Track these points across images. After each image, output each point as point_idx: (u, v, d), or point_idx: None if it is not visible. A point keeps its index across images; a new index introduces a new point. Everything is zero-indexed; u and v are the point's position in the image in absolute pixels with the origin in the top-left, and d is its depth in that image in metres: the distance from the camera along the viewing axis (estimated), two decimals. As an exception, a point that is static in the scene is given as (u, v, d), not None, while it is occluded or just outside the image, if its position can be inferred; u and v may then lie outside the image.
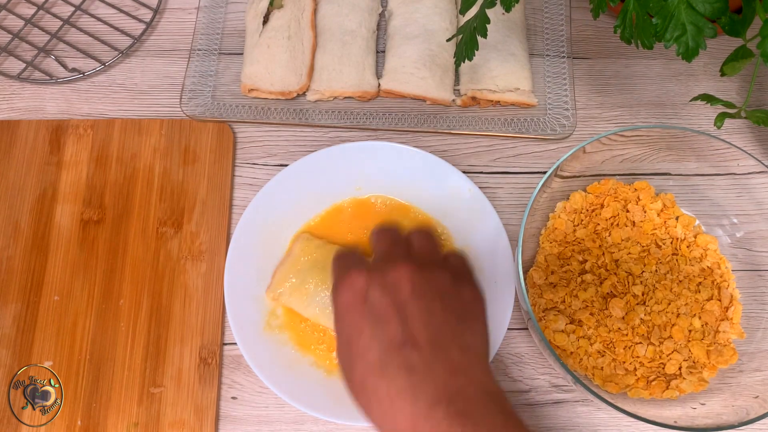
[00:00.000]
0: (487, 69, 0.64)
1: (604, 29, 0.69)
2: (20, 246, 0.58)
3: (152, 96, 0.66)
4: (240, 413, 0.54)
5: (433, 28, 0.66)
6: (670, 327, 0.55)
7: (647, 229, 0.58)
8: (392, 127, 0.63)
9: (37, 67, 0.66)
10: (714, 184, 0.60)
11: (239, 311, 0.54)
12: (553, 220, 0.59)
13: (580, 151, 0.54)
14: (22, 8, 0.70)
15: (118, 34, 0.68)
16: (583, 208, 0.59)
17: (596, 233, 0.58)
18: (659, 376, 0.54)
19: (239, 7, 0.69)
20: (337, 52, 0.65)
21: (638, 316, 0.55)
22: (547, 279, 0.57)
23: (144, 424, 0.53)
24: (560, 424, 0.54)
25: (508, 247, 0.56)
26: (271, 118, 0.64)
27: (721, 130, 0.64)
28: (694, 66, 0.68)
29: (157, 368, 0.55)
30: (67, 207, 0.60)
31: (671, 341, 0.54)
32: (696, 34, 0.47)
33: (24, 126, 0.63)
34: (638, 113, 0.66)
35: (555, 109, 0.64)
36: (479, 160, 0.63)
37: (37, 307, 0.56)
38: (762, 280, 0.58)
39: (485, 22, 0.53)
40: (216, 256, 0.58)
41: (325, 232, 0.59)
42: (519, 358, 0.57)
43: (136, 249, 0.58)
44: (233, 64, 0.67)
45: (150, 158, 0.62)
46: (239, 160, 0.63)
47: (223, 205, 0.60)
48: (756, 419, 0.47)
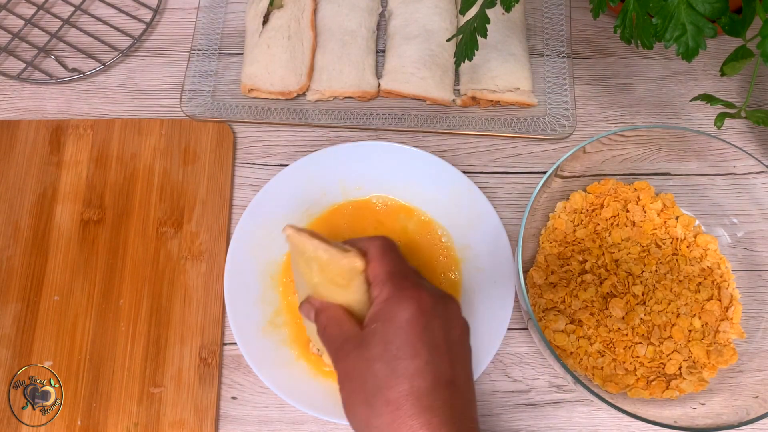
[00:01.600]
0: (487, 69, 0.64)
1: (604, 29, 0.69)
2: (20, 246, 0.58)
3: (152, 96, 0.66)
4: (240, 413, 0.54)
5: (433, 28, 0.66)
6: (670, 327, 0.55)
7: (647, 229, 0.58)
8: (392, 127, 0.63)
9: (37, 67, 0.66)
10: (714, 184, 0.60)
11: (239, 311, 0.54)
12: (553, 220, 0.59)
13: (580, 151, 0.54)
14: (22, 8, 0.70)
15: (118, 34, 0.68)
16: (583, 208, 0.59)
17: (596, 233, 0.58)
18: (659, 376, 0.54)
19: (239, 7, 0.69)
20: (337, 52, 0.65)
21: (638, 316, 0.55)
22: (547, 279, 0.57)
23: (144, 424, 0.53)
24: (560, 424, 0.54)
25: (508, 247, 0.56)
26: (271, 118, 0.64)
27: (721, 130, 0.64)
28: (694, 66, 0.68)
29: (157, 368, 0.55)
30: (67, 207, 0.60)
31: (671, 341, 0.54)
32: (696, 34, 0.47)
33: (24, 126, 0.63)
34: (638, 113, 0.66)
35: (555, 109, 0.64)
36: (479, 160, 0.63)
37: (37, 307, 0.56)
38: (762, 280, 0.58)
39: (485, 22, 0.53)
40: (216, 256, 0.58)
41: (325, 232, 0.59)
42: (519, 358, 0.57)
43: (136, 249, 0.58)
44: (233, 64, 0.67)
45: (150, 158, 0.62)
46: (239, 160, 0.63)
47: (223, 205, 0.60)
48: (756, 419, 0.47)
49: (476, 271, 0.57)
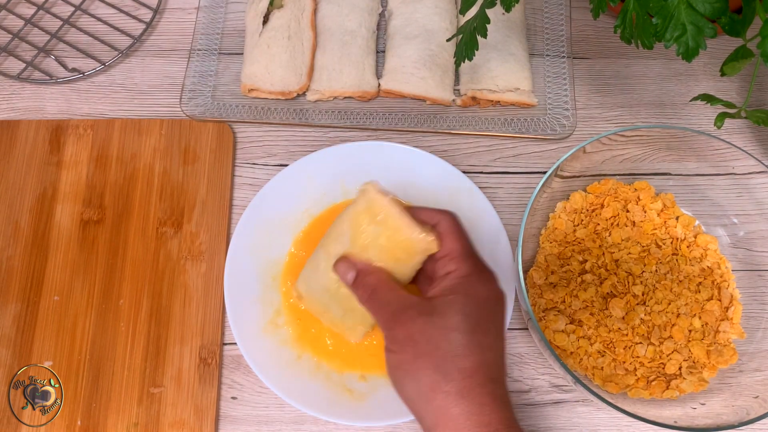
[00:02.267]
0: (487, 69, 0.64)
1: (604, 29, 0.69)
2: (20, 246, 0.58)
3: (152, 96, 0.66)
4: (240, 413, 0.54)
5: (433, 28, 0.66)
6: (670, 327, 0.55)
7: (647, 229, 0.58)
8: (392, 127, 0.63)
9: (37, 67, 0.66)
10: (714, 184, 0.60)
11: (239, 311, 0.54)
12: (553, 220, 0.59)
13: (580, 151, 0.54)
14: (22, 8, 0.70)
15: (118, 34, 0.68)
16: (583, 208, 0.59)
17: (596, 233, 0.58)
18: (659, 376, 0.54)
19: (239, 7, 0.69)
20: (337, 52, 0.65)
21: (638, 316, 0.55)
22: (547, 279, 0.57)
23: (144, 424, 0.53)
24: (560, 424, 0.54)
25: (508, 247, 0.56)
26: (271, 118, 0.64)
27: (721, 130, 0.64)
28: (694, 66, 0.68)
29: (157, 368, 0.55)
30: (67, 207, 0.60)
31: (671, 341, 0.54)
32: (696, 34, 0.47)
33: (24, 126, 0.63)
34: (638, 113, 0.66)
35: (555, 109, 0.64)
36: (479, 160, 0.63)
37: (37, 307, 0.56)
38: (762, 280, 0.58)
39: (485, 22, 0.53)
40: (216, 256, 0.58)
41: (325, 232, 0.59)
42: (519, 358, 0.57)
43: (136, 249, 0.58)
44: (233, 64, 0.67)
45: (150, 158, 0.62)
46: (239, 160, 0.63)
47: (223, 205, 0.60)
48: (756, 419, 0.47)
49: (476, 271, 0.57)
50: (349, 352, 0.55)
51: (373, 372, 0.54)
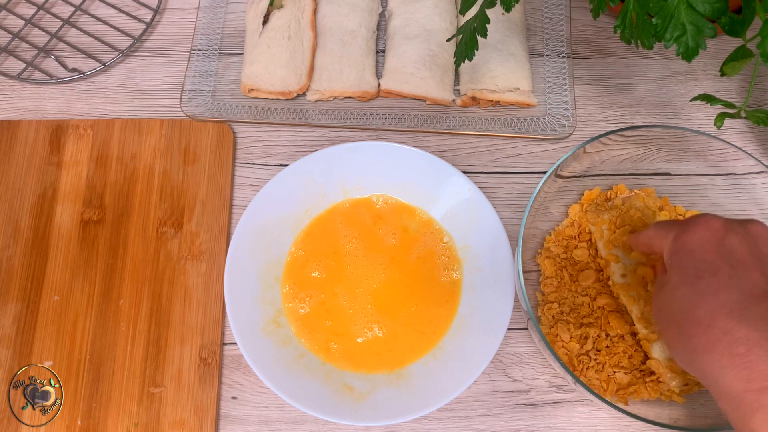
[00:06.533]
0: (487, 69, 0.64)
1: (604, 29, 0.69)
2: (20, 246, 0.58)
3: (152, 96, 0.66)
4: (240, 413, 0.54)
5: (433, 28, 0.66)
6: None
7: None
8: (392, 127, 0.63)
9: (37, 67, 0.66)
10: (714, 184, 0.60)
11: (239, 311, 0.54)
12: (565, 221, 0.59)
13: (580, 151, 0.54)
14: (22, 8, 0.70)
15: (118, 34, 0.68)
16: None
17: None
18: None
19: (239, 7, 0.69)
20: (337, 52, 0.65)
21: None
22: (547, 279, 0.57)
23: (144, 424, 0.53)
24: (560, 424, 0.54)
25: (508, 247, 0.56)
26: (271, 118, 0.64)
27: (721, 130, 0.64)
28: (694, 66, 0.68)
29: (157, 368, 0.55)
30: (67, 207, 0.60)
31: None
32: (696, 34, 0.47)
33: (24, 126, 0.63)
34: (638, 113, 0.66)
35: (555, 109, 0.64)
36: (479, 160, 0.63)
37: (37, 307, 0.56)
38: (762, 280, 0.58)
39: (485, 22, 0.53)
40: (216, 256, 0.58)
41: (325, 231, 0.59)
42: (519, 358, 0.57)
43: (136, 249, 0.58)
44: (233, 64, 0.67)
45: (150, 158, 0.62)
46: (239, 160, 0.63)
47: (223, 205, 0.60)
48: (756, 419, 0.47)
49: (476, 271, 0.57)
50: (350, 352, 0.55)
51: (374, 371, 0.54)
